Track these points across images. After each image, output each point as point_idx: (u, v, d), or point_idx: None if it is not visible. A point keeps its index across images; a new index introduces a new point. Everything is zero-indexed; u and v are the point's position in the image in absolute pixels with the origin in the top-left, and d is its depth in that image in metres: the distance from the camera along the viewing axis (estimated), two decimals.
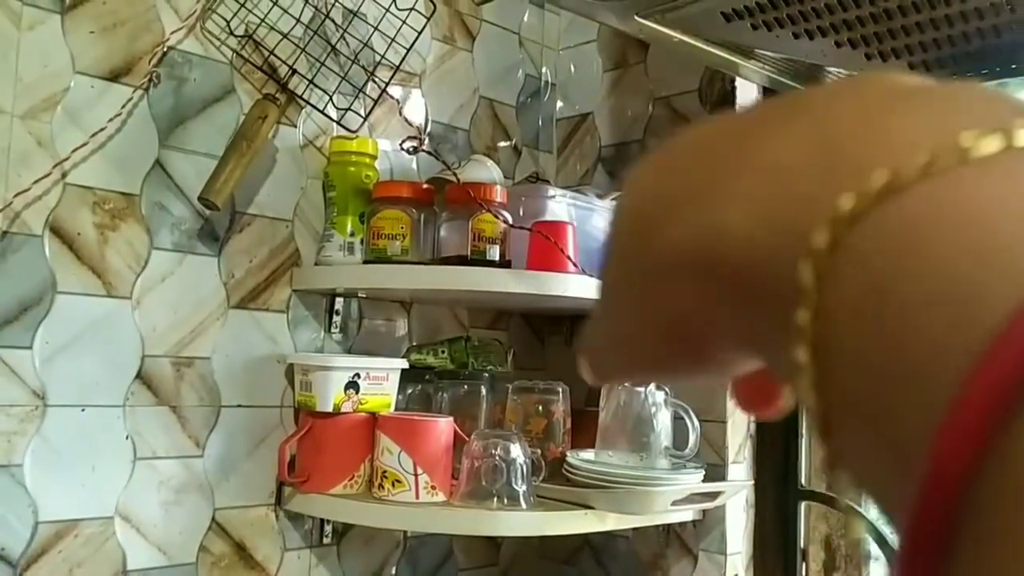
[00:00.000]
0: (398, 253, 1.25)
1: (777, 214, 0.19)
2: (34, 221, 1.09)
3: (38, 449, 1.08)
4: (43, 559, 1.08)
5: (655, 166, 0.23)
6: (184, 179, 1.21)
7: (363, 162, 1.31)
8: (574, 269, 1.24)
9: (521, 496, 1.21)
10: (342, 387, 1.25)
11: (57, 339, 1.10)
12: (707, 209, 0.20)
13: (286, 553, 1.30)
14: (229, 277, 1.25)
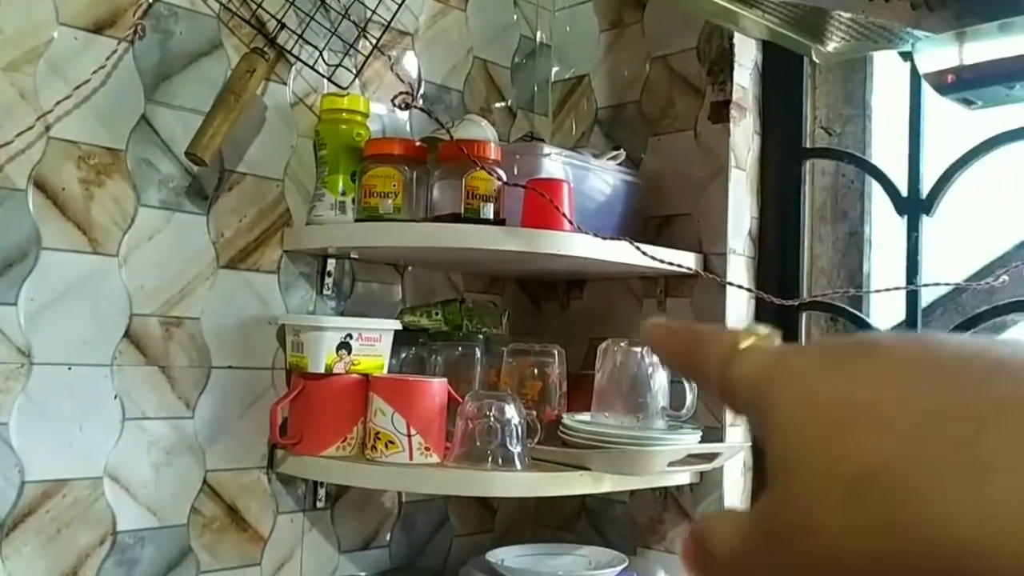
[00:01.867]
0: (390, 211, 1.22)
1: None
2: (17, 175, 1.06)
3: (24, 408, 1.06)
4: (30, 519, 1.07)
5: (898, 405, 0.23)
6: (171, 135, 1.18)
7: (355, 120, 1.29)
8: (569, 227, 1.21)
9: (516, 457, 1.19)
10: (334, 348, 1.23)
11: (42, 296, 1.08)
12: (978, 500, 0.20)
13: (279, 516, 1.29)
14: (218, 236, 1.23)
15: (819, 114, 1.46)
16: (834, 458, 0.23)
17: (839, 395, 0.24)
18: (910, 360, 0.24)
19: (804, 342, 1.43)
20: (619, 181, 1.43)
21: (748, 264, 1.43)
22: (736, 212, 1.41)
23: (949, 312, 1.35)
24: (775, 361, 0.27)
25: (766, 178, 1.45)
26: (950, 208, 1.32)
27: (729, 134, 1.40)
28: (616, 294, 1.53)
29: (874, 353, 0.25)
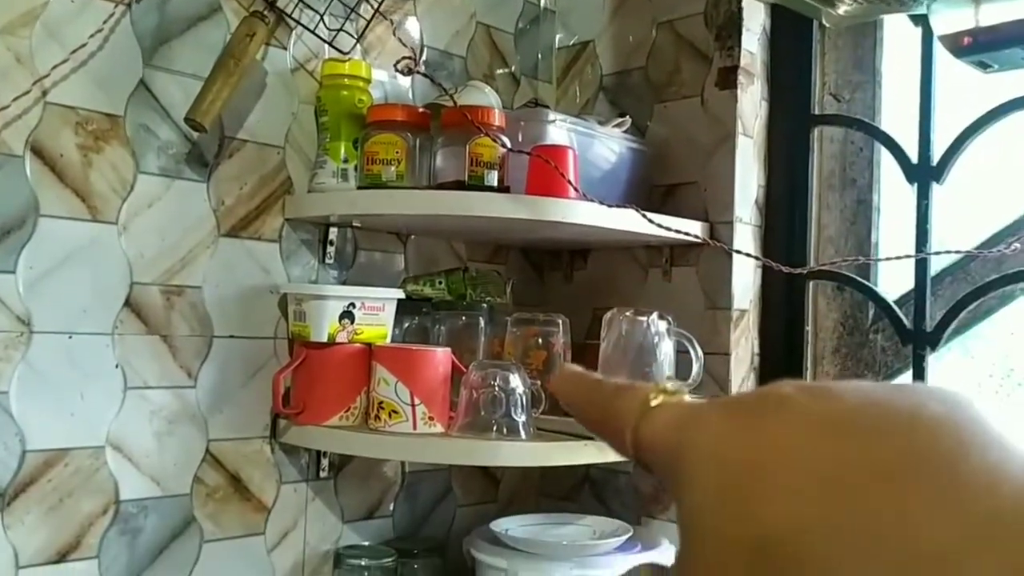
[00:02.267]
0: (393, 179, 1.21)
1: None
2: (14, 141, 1.05)
3: (24, 376, 1.05)
4: (32, 488, 1.06)
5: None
6: (170, 101, 1.16)
7: (356, 86, 1.27)
8: (575, 195, 1.20)
9: (521, 427, 1.18)
10: (337, 317, 1.22)
11: (41, 264, 1.07)
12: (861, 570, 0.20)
13: (282, 486, 1.28)
14: (219, 204, 1.22)
15: (828, 80, 1.44)
16: (737, 523, 0.23)
17: (743, 457, 0.24)
18: (814, 417, 0.23)
19: (810, 313, 1.42)
20: (624, 149, 1.41)
21: (755, 233, 1.42)
22: (743, 180, 1.39)
23: (958, 281, 1.34)
24: (684, 420, 0.27)
25: (774, 145, 1.43)
26: (959, 175, 1.30)
27: (736, 101, 1.38)
28: (620, 264, 1.52)
29: (779, 410, 0.24)
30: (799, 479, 0.22)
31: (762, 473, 0.23)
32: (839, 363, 1.42)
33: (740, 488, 0.23)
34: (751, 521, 0.22)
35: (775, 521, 0.22)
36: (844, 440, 0.22)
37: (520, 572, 1.24)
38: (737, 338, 1.38)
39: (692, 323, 1.33)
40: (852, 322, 1.42)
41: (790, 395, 0.24)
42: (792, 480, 0.22)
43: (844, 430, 0.23)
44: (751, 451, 0.24)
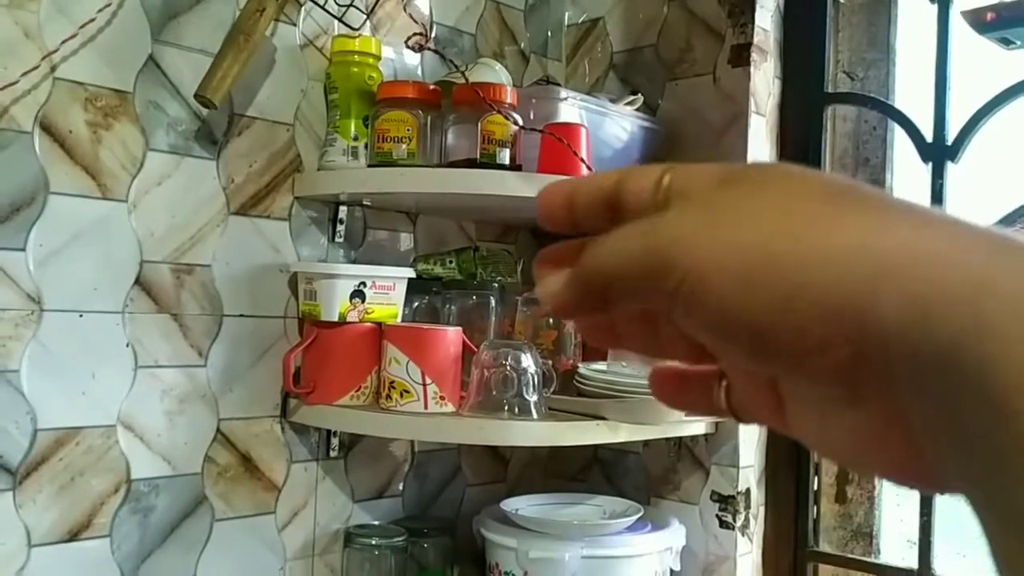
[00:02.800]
0: (404, 157, 1.20)
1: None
2: (23, 117, 1.03)
3: (35, 355, 1.05)
4: (43, 467, 1.06)
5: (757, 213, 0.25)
6: (179, 77, 1.15)
7: (366, 62, 1.25)
8: (588, 173, 1.19)
9: (532, 406, 1.18)
10: (347, 296, 1.21)
11: (51, 241, 1.06)
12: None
13: (292, 465, 1.28)
14: (228, 182, 1.21)
15: (842, 58, 1.43)
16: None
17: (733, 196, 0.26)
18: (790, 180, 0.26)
19: None
20: (636, 127, 1.40)
21: None
22: (755, 159, 1.38)
23: None
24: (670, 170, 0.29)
25: (786, 124, 1.42)
26: (974, 155, 1.29)
27: (749, 78, 1.37)
28: None
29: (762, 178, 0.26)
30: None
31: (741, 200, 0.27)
32: None
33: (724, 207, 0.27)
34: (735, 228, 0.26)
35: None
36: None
37: (531, 551, 1.24)
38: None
39: None
40: None
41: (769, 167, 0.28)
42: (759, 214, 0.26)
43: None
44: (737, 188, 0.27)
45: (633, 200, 0.29)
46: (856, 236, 0.23)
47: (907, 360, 0.22)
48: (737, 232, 0.25)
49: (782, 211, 0.25)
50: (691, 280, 0.25)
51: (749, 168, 0.28)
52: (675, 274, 0.25)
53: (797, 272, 0.23)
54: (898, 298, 0.22)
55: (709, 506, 1.39)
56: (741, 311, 0.24)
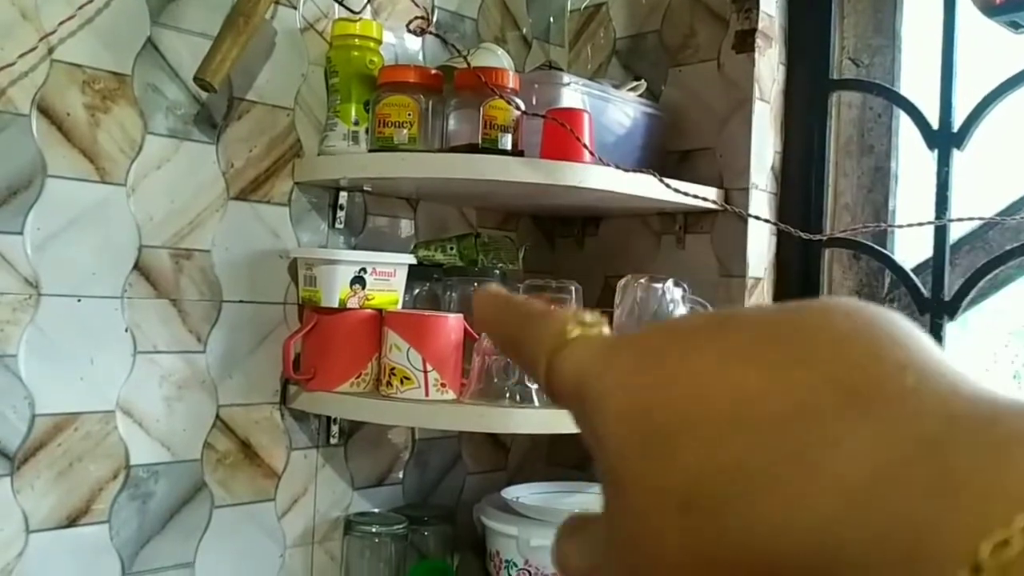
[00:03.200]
0: (405, 142, 1.19)
1: (894, 537, 0.17)
2: (20, 99, 1.02)
3: (33, 340, 1.04)
4: (42, 452, 1.05)
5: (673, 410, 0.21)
6: (178, 60, 1.14)
7: (367, 46, 1.24)
8: (590, 159, 1.18)
9: (534, 394, 1.17)
10: (348, 282, 1.20)
11: (49, 225, 1.05)
12: (789, 505, 0.19)
13: (292, 452, 1.27)
14: (228, 167, 1.19)
15: (847, 44, 1.41)
16: (660, 474, 0.21)
17: (655, 403, 0.22)
18: (720, 350, 0.22)
19: (825, 281, 1.40)
20: (639, 113, 1.39)
21: (770, 200, 1.40)
22: (759, 146, 1.37)
23: (976, 250, 1.32)
24: (601, 358, 0.24)
25: (791, 111, 1.41)
26: (979, 142, 1.28)
27: (754, 65, 1.35)
28: (633, 231, 1.50)
29: (686, 345, 0.22)
30: (710, 421, 0.21)
31: (676, 418, 0.21)
32: None
33: (657, 437, 0.21)
34: (673, 471, 0.21)
35: (697, 469, 0.21)
36: (751, 371, 0.21)
37: (531, 539, 1.23)
38: (751, 306, 1.36)
39: (705, 291, 1.31)
40: (867, 291, 1.40)
41: (696, 327, 0.23)
42: (704, 422, 0.21)
43: (751, 360, 0.21)
44: (663, 396, 0.22)
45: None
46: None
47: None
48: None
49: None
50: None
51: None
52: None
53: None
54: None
55: None
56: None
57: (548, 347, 0.26)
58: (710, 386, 0.21)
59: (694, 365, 0.22)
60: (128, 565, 1.12)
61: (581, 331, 0.26)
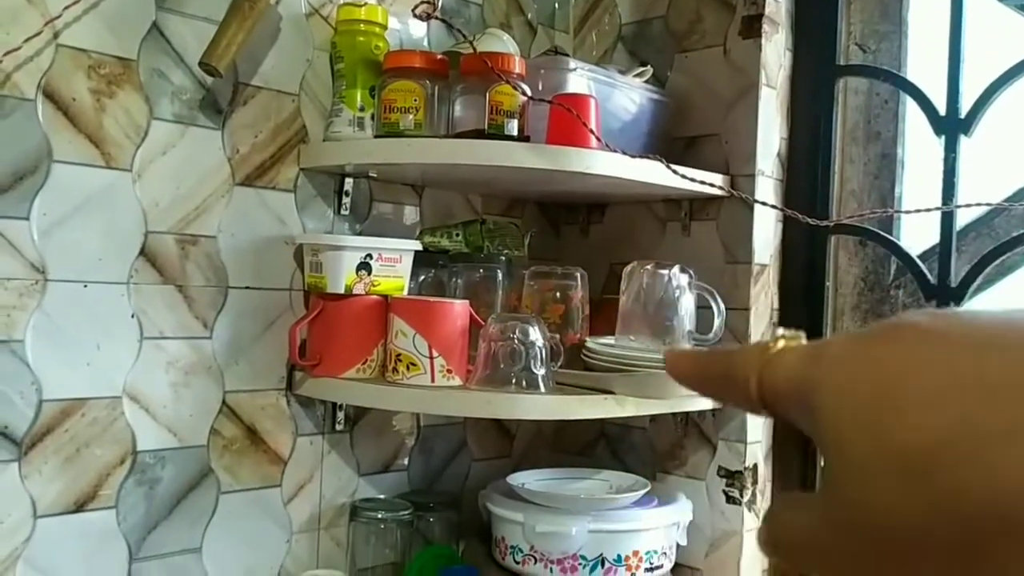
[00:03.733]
0: (411, 128, 1.18)
1: None
2: (26, 84, 1.02)
3: (40, 325, 1.04)
4: (49, 438, 1.05)
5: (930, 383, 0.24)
6: (183, 45, 1.14)
7: (372, 31, 1.24)
8: (597, 144, 1.17)
9: (540, 380, 1.17)
10: (354, 268, 1.20)
11: (55, 211, 1.05)
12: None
13: (298, 439, 1.28)
14: (234, 152, 1.19)
15: (854, 30, 1.41)
16: (880, 438, 0.24)
17: (875, 377, 0.25)
18: (937, 335, 0.24)
19: (831, 268, 1.40)
20: (645, 100, 1.39)
21: (776, 187, 1.39)
22: (766, 133, 1.36)
23: (982, 236, 1.32)
24: (811, 356, 0.28)
25: (797, 97, 1.40)
26: (986, 128, 1.28)
27: (760, 50, 1.35)
28: (638, 218, 1.50)
29: (902, 333, 0.25)
30: (935, 389, 0.23)
31: (898, 388, 0.24)
32: (859, 319, 1.40)
33: (878, 407, 0.24)
34: (894, 433, 0.23)
35: (917, 428, 0.23)
36: (972, 352, 0.23)
37: (537, 525, 1.23)
38: (757, 293, 1.36)
39: (711, 278, 1.31)
40: (873, 278, 1.40)
41: (914, 320, 0.25)
42: (929, 390, 0.23)
43: (971, 344, 0.24)
44: (880, 370, 0.24)
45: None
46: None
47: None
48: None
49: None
50: None
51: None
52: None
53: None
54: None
55: (716, 481, 1.38)
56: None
57: (756, 366, 0.29)
58: (923, 363, 0.24)
59: (915, 345, 0.25)
60: (135, 550, 1.12)
61: (785, 344, 0.29)
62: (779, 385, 0.28)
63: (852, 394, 0.25)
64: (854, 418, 0.25)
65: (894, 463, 0.23)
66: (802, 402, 0.27)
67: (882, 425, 0.24)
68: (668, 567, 1.30)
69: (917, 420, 0.23)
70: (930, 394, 0.23)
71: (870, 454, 0.24)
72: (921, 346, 0.24)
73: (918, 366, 0.24)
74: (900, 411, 0.23)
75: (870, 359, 0.25)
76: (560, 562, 1.23)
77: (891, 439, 0.23)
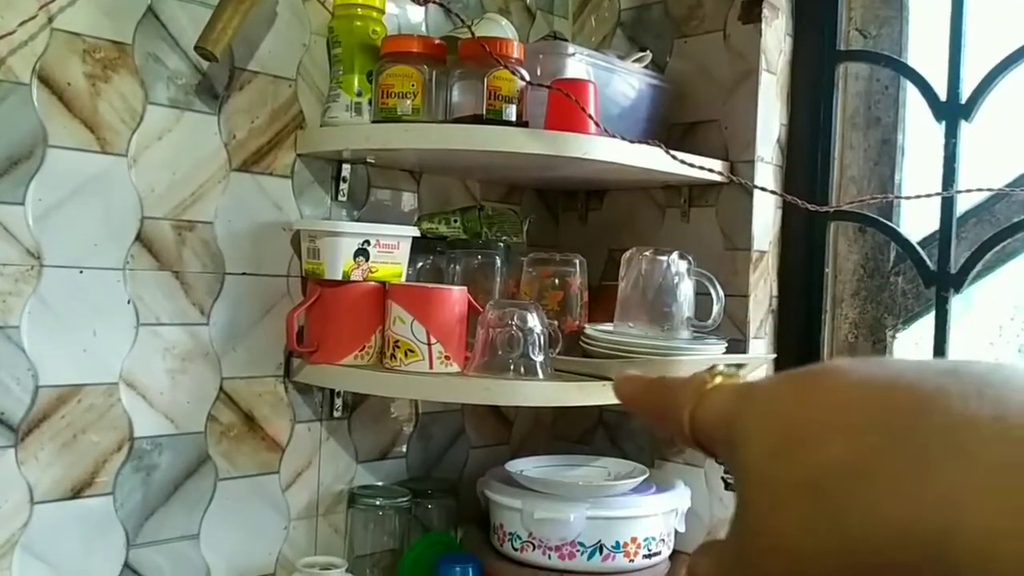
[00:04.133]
0: (409, 113, 1.18)
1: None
2: (21, 68, 1.01)
3: (36, 311, 1.03)
4: (45, 424, 1.05)
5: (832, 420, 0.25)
6: (179, 29, 1.13)
7: (370, 16, 1.23)
8: (595, 129, 1.17)
9: (538, 366, 1.17)
10: (351, 254, 1.19)
11: (50, 196, 1.04)
12: (918, 492, 0.23)
13: (296, 425, 1.27)
14: (230, 138, 1.18)
15: (854, 15, 1.40)
16: (792, 466, 0.25)
17: (795, 411, 0.26)
18: (855, 376, 0.26)
19: (830, 255, 1.40)
20: (644, 85, 1.38)
21: (776, 173, 1.39)
22: (765, 118, 1.36)
23: (982, 223, 1.31)
24: (741, 392, 0.29)
25: (797, 83, 1.40)
26: (987, 114, 1.27)
27: (760, 35, 1.34)
28: (637, 204, 1.49)
29: (826, 374, 0.27)
30: (850, 423, 0.25)
31: (815, 422, 0.25)
32: (858, 306, 1.40)
33: (795, 439, 0.26)
34: (806, 462, 0.25)
35: (827, 457, 0.24)
36: (890, 391, 0.25)
37: (536, 512, 1.23)
38: (756, 280, 1.36)
39: (710, 265, 1.30)
40: (872, 264, 1.39)
41: (837, 364, 0.27)
42: (844, 424, 0.25)
43: (889, 384, 0.25)
44: (803, 406, 0.26)
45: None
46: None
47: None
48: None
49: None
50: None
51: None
52: None
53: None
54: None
55: (714, 469, 1.38)
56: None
57: (692, 398, 0.31)
58: (842, 401, 0.26)
59: (836, 385, 0.26)
60: (133, 536, 1.12)
61: (722, 380, 0.31)
62: (709, 419, 0.30)
63: (773, 423, 0.27)
64: (774, 445, 0.26)
65: (804, 490, 0.25)
66: (727, 435, 0.28)
67: (798, 451, 0.25)
68: (666, 554, 1.30)
69: (829, 450, 0.24)
70: (843, 428, 0.25)
71: (784, 478, 0.25)
72: (839, 385, 0.26)
73: (833, 402, 0.26)
74: (814, 443, 0.25)
75: (793, 394, 0.27)
76: (558, 549, 1.23)
77: (803, 467, 0.25)
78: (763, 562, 0.26)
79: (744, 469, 0.27)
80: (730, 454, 0.28)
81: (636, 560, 1.25)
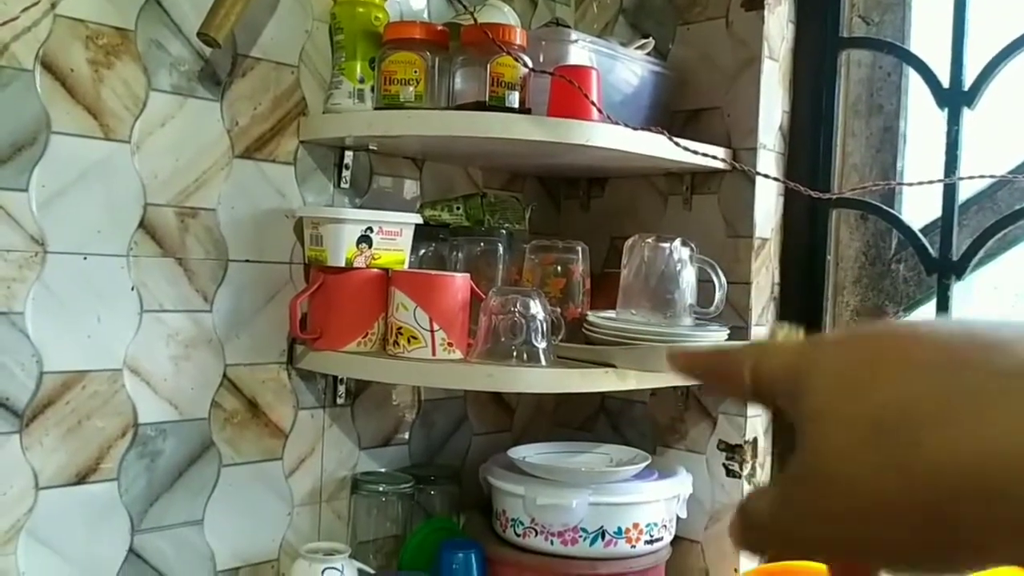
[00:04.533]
0: (411, 100, 1.17)
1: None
2: (24, 54, 1.01)
3: (40, 297, 1.04)
4: (50, 410, 1.05)
5: (898, 366, 0.27)
6: (181, 15, 1.13)
7: (372, 3, 1.22)
8: (598, 116, 1.17)
9: (541, 353, 1.17)
10: (354, 241, 1.19)
11: (54, 182, 1.04)
12: (983, 427, 0.24)
13: (299, 412, 1.28)
14: (233, 124, 1.18)
15: (857, 2, 1.40)
16: (854, 408, 0.27)
17: (857, 357, 0.28)
18: (912, 328, 0.28)
19: (832, 242, 1.40)
20: (647, 71, 1.38)
21: (778, 160, 1.39)
22: (767, 106, 1.36)
23: (984, 210, 1.31)
24: (806, 345, 0.31)
25: (799, 70, 1.39)
26: (990, 101, 1.27)
27: (763, 22, 1.34)
28: (639, 192, 1.49)
29: (886, 328, 0.29)
30: (911, 367, 0.26)
31: (874, 366, 0.27)
32: (860, 293, 1.40)
33: (856, 379, 0.27)
34: (867, 404, 0.26)
35: (889, 399, 0.26)
36: (948, 341, 0.27)
37: (538, 498, 1.24)
38: (758, 267, 1.36)
39: (713, 252, 1.31)
40: (874, 252, 1.40)
41: (894, 322, 0.31)
42: (905, 369, 0.26)
43: (950, 333, 0.28)
44: (864, 352, 0.28)
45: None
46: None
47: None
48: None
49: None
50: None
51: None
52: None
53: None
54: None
55: (716, 455, 1.39)
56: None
57: (753, 355, 0.32)
58: (903, 349, 0.27)
59: (893, 337, 0.28)
60: (137, 522, 1.13)
61: (784, 335, 0.33)
62: (773, 370, 0.31)
63: (843, 367, 0.28)
64: (840, 387, 0.28)
65: (865, 429, 0.26)
66: (792, 386, 0.29)
67: (863, 391, 0.27)
68: (668, 539, 1.30)
69: (890, 393, 0.26)
70: (904, 373, 0.26)
71: (855, 419, 0.26)
72: (898, 336, 0.28)
73: (897, 348, 0.27)
74: (876, 386, 0.27)
75: (861, 341, 0.29)
76: (561, 534, 1.23)
77: (865, 408, 0.26)
78: (830, 504, 0.27)
79: (812, 413, 0.28)
80: (794, 403, 0.29)
81: (638, 546, 1.25)
